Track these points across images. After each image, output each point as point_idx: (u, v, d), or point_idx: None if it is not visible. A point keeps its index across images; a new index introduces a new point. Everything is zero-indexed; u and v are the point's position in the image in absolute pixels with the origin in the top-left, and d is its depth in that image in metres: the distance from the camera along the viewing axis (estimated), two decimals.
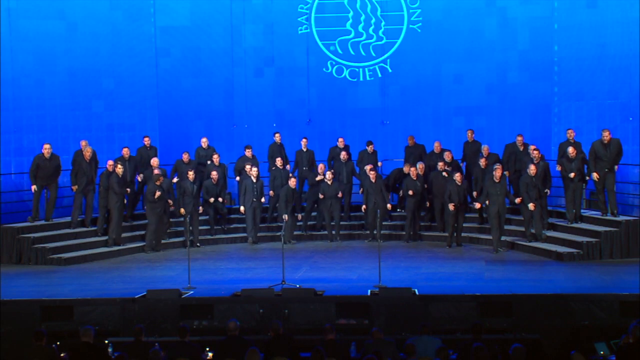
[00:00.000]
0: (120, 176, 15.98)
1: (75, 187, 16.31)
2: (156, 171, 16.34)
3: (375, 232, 16.28)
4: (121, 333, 11.38)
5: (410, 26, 19.40)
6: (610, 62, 17.74)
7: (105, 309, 11.64)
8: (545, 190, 15.72)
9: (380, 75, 19.57)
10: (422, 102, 19.52)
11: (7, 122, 17.59)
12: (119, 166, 16.01)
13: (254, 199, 16.71)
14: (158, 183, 15.87)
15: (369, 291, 11.94)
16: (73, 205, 16.45)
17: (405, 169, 16.98)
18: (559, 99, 18.74)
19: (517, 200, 15.32)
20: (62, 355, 9.28)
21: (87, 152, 16.32)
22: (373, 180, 16.58)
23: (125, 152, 16.82)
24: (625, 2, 17.32)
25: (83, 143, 16.62)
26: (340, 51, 19.58)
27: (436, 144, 17.41)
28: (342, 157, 17.45)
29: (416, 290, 11.76)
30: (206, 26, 19.59)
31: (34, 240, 15.38)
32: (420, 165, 16.74)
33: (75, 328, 11.00)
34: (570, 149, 15.46)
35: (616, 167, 15.24)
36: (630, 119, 17.18)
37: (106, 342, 10.33)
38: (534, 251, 15.10)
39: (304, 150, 17.82)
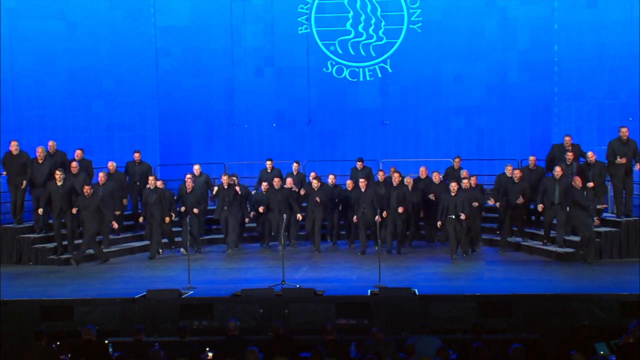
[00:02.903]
0: (59, 184, 14.75)
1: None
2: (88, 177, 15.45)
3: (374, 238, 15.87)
4: (121, 333, 11.37)
5: (410, 26, 19.40)
6: (610, 62, 17.77)
7: (105, 309, 11.64)
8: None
9: (380, 75, 19.57)
10: (422, 102, 19.53)
11: (7, 122, 17.58)
12: (57, 173, 14.85)
13: (225, 207, 16.06)
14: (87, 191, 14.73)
15: (369, 291, 11.92)
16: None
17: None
18: (559, 99, 18.75)
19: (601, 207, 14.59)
20: (62, 357, 9.28)
21: (39, 152, 15.23)
22: (363, 190, 15.74)
23: (78, 154, 15.96)
24: (625, 2, 17.36)
25: (50, 143, 15.75)
26: (340, 51, 19.58)
27: (422, 169, 16.19)
28: (329, 180, 16.51)
29: (416, 290, 11.75)
30: (206, 26, 19.61)
31: (34, 240, 15.37)
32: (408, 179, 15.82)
33: (75, 328, 11.04)
34: (590, 154, 14.87)
35: (638, 166, 14.71)
36: (630, 119, 17.18)
37: (106, 342, 10.32)
38: (534, 251, 15.08)
39: (295, 173, 17.00)
